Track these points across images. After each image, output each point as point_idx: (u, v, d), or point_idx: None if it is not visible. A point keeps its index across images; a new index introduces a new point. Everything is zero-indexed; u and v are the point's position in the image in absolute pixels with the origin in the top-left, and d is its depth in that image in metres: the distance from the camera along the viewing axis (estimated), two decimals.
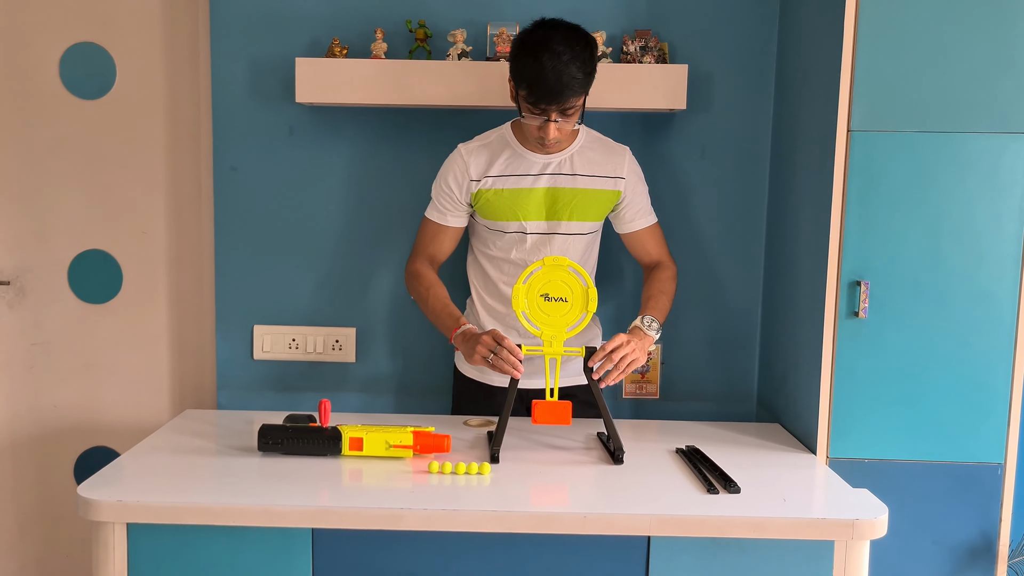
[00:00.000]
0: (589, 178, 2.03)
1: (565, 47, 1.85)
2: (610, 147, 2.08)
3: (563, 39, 1.86)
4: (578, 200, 2.03)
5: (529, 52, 1.87)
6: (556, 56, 1.83)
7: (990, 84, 1.84)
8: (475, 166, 2.03)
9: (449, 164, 2.07)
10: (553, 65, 1.83)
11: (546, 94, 1.86)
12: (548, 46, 1.85)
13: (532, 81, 1.86)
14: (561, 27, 1.90)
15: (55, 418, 2.46)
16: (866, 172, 1.87)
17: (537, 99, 1.87)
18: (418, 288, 2.08)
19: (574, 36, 1.88)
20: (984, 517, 1.94)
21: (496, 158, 2.03)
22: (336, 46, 2.18)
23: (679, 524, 1.58)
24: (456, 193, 2.05)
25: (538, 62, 1.84)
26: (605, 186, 2.05)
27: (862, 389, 1.92)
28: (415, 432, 1.83)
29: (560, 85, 1.84)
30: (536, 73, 1.85)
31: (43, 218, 2.40)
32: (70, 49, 2.35)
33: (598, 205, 2.06)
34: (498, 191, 2.02)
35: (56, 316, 2.43)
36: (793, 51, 2.17)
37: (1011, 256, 1.88)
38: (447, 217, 2.08)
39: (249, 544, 1.59)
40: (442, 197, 2.07)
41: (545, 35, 1.87)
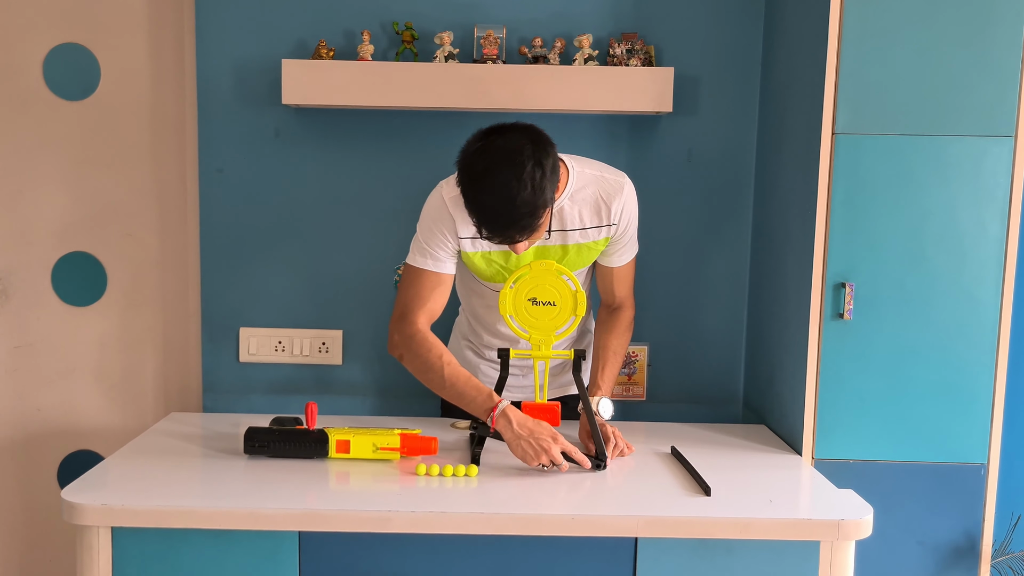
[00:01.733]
0: (580, 231, 1.86)
1: (510, 173, 1.61)
2: (604, 187, 1.86)
3: (507, 161, 1.62)
4: (569, 256, 1.88)
5: (472, 185, 1.66)
6: (501, 189, 1.61)
7: (972, 88, 1.85)
8: (462, 224, 1.82)
9: (436, 212, 1.84)
10: (500, 201, 1.62)
11: (498, 231, 1.67)
12: (490, 179, 1.63)
13: (479, 217, 1.67)
14: (502, 146, 1.65)
15: (38, 421, 2.44)
16: (851, 175, 1.88)
17: (491, 235, 1.69)
18: (425, 356, 1.82)
19: (518, 155, 1.63)
20: (967, 517, 1.95)
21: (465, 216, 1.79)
22: (322, 48, 2.18)
23: (666, 525, 1.58)
24: (450, 242, 1.85)
25: (481, 199, 1.64)
26: (597, 236, 1.88)
27: (847, 390, 1.93)
28: (402, 434, 1.82)
29: (512, 221, 1.64)
30: (482, 211, 1.65)
31: (26, 220, 2.38)
32: (54, 50, 2.33)
33: (588, 254, 1.91)
34: (486, 255, 1.87)
35: (40, 319, 2.41)
36: (778, 55, 2.18)
37: (993, 258, 1.90)
38: (445, 265, 1.85)
39: (235, 548, 1.59)
40: (436, 245, 1.84)
41: (486, 162, 1.64)
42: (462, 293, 2.08)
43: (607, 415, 1.89)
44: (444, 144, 2.27)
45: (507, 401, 1.77)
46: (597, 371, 1.96)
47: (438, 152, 2.28)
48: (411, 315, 1.85)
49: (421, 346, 1.83)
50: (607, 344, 1.98)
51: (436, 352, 1.82)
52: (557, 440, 1.74)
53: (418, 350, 1.83)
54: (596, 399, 1.90)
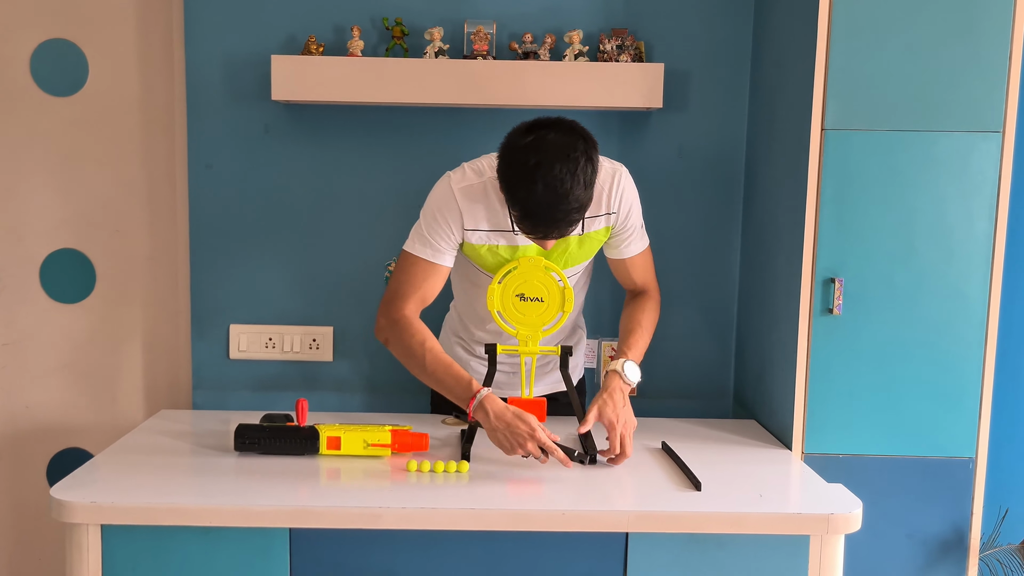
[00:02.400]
0: (584, 220, 1.84)
1: (565, 168, 1.60)
2: (602, 178, 1.82)
3: (562, 156, 1.61)
4: (572, 248, 1.88)
5: (523, 179, 1.62)
6: (554, 186, 1.60)
7: (961, 83, 1.86)
8: (469, 213, 1.81)
9: (441, 201, 1.81)
10: (552, 197, 1.60)
11: (544, 227, 1.66)
12: (544, 173, 1.60)
13: (526, 213, 1.65)
14: (557, 141, 1.63)
15: (27, 419, 2.43)
16: (840, 170, 1.89)
17: (532, 230, 1.68)
18: (408, 341, 1.80)
19: (572, 150, 1.62)
20: (956, 511, 1.96)
21: (490, 206, 1.82)
22: (312, 43, 2.17)
23: (657, 520, 1.59)
24: (454, 233, 1.82)
25: (532, 194, 1.61)
26: (597, 226, 1.87)
27: (836, 385, 1.94)
28: (393, 431, 1.82)
29: (562, 217, 1.63)
30: (531, 206, 1.63)
31: (14, 216, 2.36)
32: (41, 45, 2.32)
33: (592, 244, 1.91)
34: (492, 248, 1.85)
35: (28, 316, 2.40)
36: (768, 50, 2.18)
37: (981, 253, 1.91)
38: (444, 256, 1.83)
39: (226, 545, 1.58)
40: (438, 235, 1.82)
41: (539, 157, 1.61)
42: (458, 287, 2.07)
43: (635, 380, 1.86)
44: (434, 140, 2.27)
45: (487, 390, 1.75)
46: (624, 338, 1.93)
47: (428, 148, 2.27)
48: (399, 301, 1.83)
49: (405, 331, 1.81)
50: (631, 316, 1.96)
51: (419, 338, 1.80)
52: (535, 435, 1.70)
53: (402, 335, 1.81)
54: (621, 361, 1.86)
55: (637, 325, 1.95)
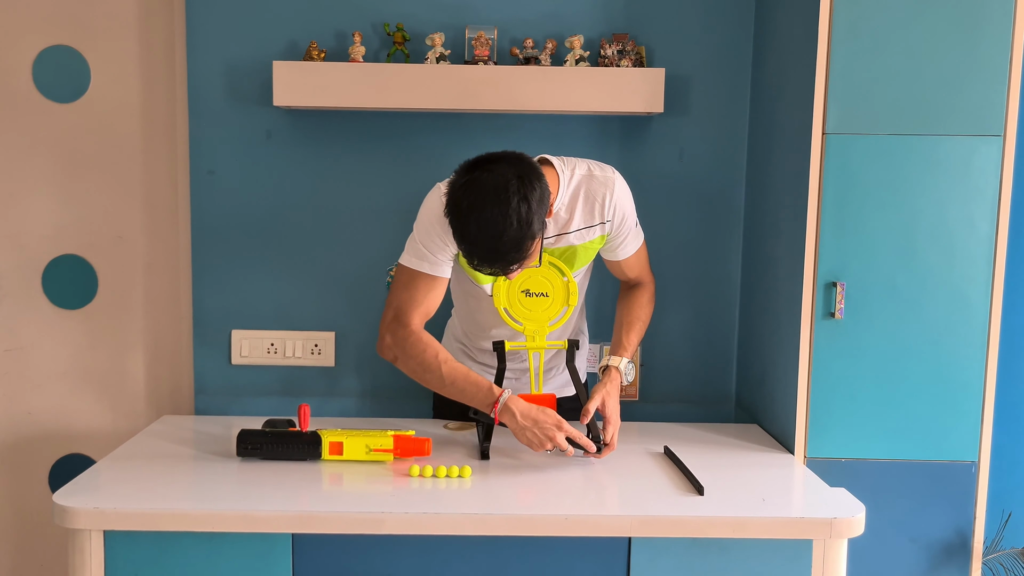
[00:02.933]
0: (575, 233, 1.86)
1: (496, 211, 1.60)
2: (593, 186, 1.85)
3: (492, 198, 1.61)
4: (566, 257, 1.89)
5: (458, 221, 1.64)
6: (485, 227, 1.61)
7: (962, 87, 1.87)
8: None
9: (436, 216, 1.79)
10: (484, 237, 1.62)
11: (487, 264, 1.67)
12: (476, 216, 1.61)
13: (468, 252, 1.67)
14: (488, 182, 1.62)
15: (29, 425, 2.43)
16: (841, 174, 1.89)
17: (479, 268, 1.70)
18: (421, 357, 1.81)
19: (503, 192, 1.61)
20: (959, 515, 1.96)
21: None
22: (314, 49, 2.18)
23: (660, 525, 1.59)
24: (448, 244, 1.81)
25: (467, 234, 1.63)
26: (592, 235, 1.88)
27: (839, 389, 1.94)
28: (395, 436, 1.82)
29: (500, 254, 1.64)
30: (469, 246, 1.65)
31: (17, 223, 2.37)
32: (43, 52, 2.32)
33: (585, 254, 1.91)
34: None
35: (30, 322, 2.40)
36: (769, 55, 2.19)
37: (983, 257, 1.91)
38: (441, 267, 1.83)
39: (228, 550, 1.58)
40: (433, 247, 1.81)
41: (471, 199, 1.62)
42: (456, 295, 2.07)
43: (629, 378, 1.93)
44: (436, 145, 2.27)
45: (509, 392, 1.78)
46: (620, 335, 1.97)
47: (430, 153, 2.28)
48: (405, 317, 1.83)
49: (415, 347, 1.82)
50: (629, 309, 2.00)
51: (432, 351, 1.81)
52: (562, 427, 1.77)
53: (412, 351, 1.82)
54: (621, 359, 1.92)
55: (636, 320, 1.98)
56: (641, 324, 2.00)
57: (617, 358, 1.93)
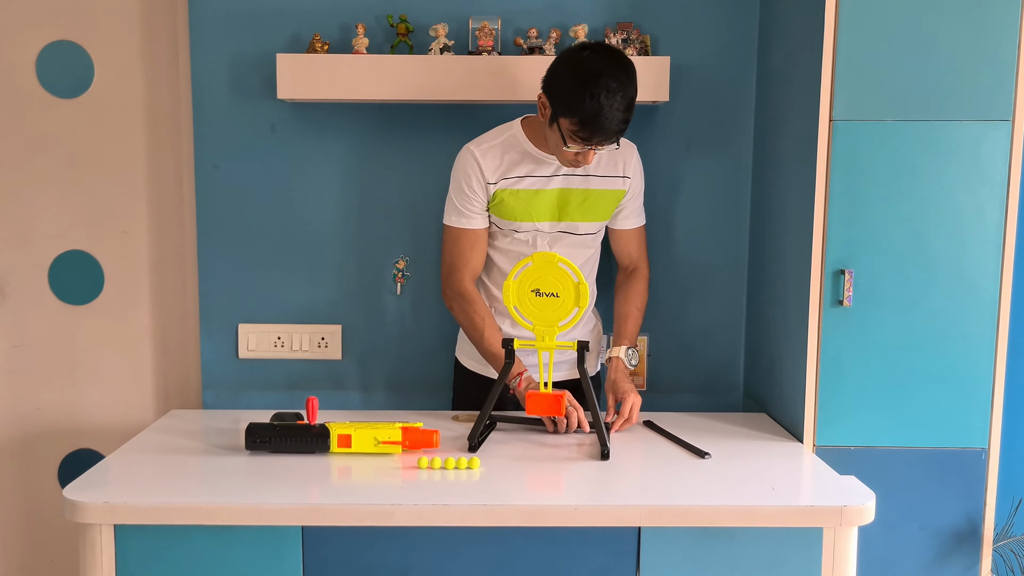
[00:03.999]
0: (600, 178, 2.03)
1: (618, 85, 1.79)
2: (622, 146, 2.02)
3: (616, 74, 1.80)
4: (589, 200, 2.03)
5: (583, 86, 1.79)
6: (612, 95, 1.78)
7: (970, 72, 1.85)
8: (489, 169, 1.99)
9: (464, 167, 2.00)
10: (610, 105, 1.79)
11: (599, 133, 1.82)
12: (604, 83, 1.78)
13: (587, 119, 1.80)
14: (610, 57, 1.84)
15: (38, 421, 2.43)
16: (849, 161, 1.88)
17: (589, 136, 1.83)
18: (471, 315, 2.03)
19: (624, 70, 1.82)
20: (969, 502, 1.96)
21: (509, 159, 1.99)
22: (317, 41, 2.17)
23: (669, 514, 1.59)
24: (480, 195, 2.00)
25: (595, 100, 1.78)
26: (614, 185, 2.05)
27: (847, 377, 1.93)
28: (404, 428, 1.82)
29: (615, 125, 1.82)
30: (592, 112, 1.79)
31: (22, 219, 2.37)
32: (47, 47, 2.32)
33: (606, 204, 2.06)
34: (514, 192, 2.00)
35: (37, 318, 2.40)
36: (775, 42, 2.18)
37: (992, 243, 1.90)
38: (477, 220, 2.03)
39: (238, 543, 1.59)
40: (467, 202, 2.01)
41: (598, 67, 1.80)
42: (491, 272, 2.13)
43: (632, 363, 2.08)
44: (440, 137, 2.27)
45: (528, 374, 1.97)
46: (620, 325, 2.14)
47: (434, 144, 2.27)
48: (458, 273, 2.05)
49: (463, 304, 2.04)
50: (629, 299, 2.15)
51: (480, 313, 2.03)
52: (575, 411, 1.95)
53: (464, 307, 2.04)
54: (622, 348, 2.08)
55: (634, 308, 2.14)
56: (638, 312, 2.15)
57: (618, 348, 2.09)
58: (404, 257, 2.33)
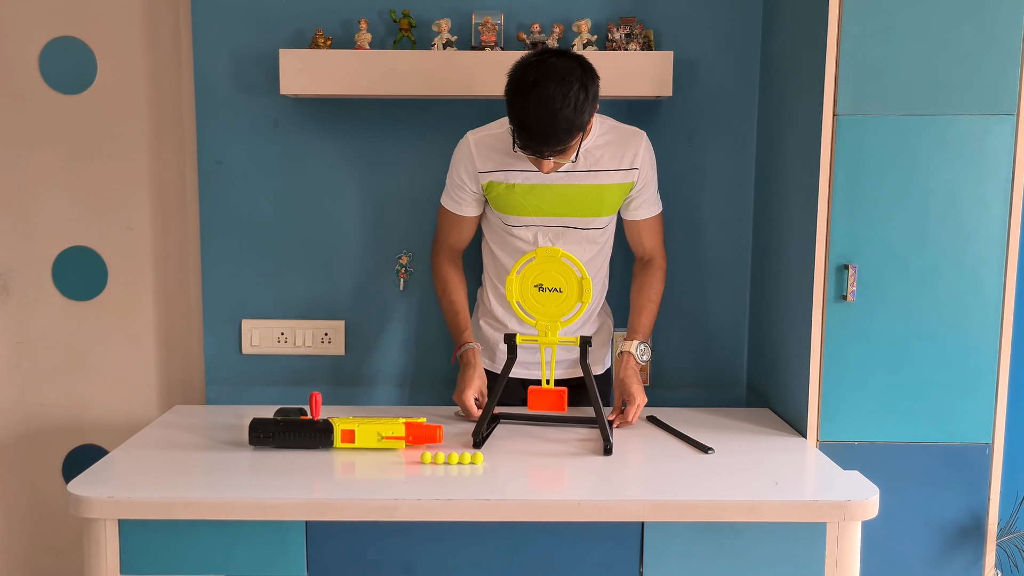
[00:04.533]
0: (604, 172, 1.99)
1: (557, 89, 1.75)
2: (625, 135, 2.03)
3: (557, 79, 1.76)
4: (593, 195, 2.00)
5: (520, 93, 1.79)
6: (546, 102, 1.75)
7: (974, 66, 1.85)
8: (482, 159, 1.99)
9: (458, 154, 2.03)
10: (542, 112, 1.76)
11: (535, 141, 1.80)
12: (538, 90, 1.76)
13: (520, 126, 1.80)
14: (556, 65, 1.79)
15: (42, 417, 2.44)
16: (852, 156, 1.87)
17: (525, 144, 1.82)
18: (436, 286, 2.14)
19: (568, 75, 1.78)
20: (973, 497, 1.95)
21: (507, 151, 1.97)
22: (320, 37, 2.17)
23: (673, 509, 1.59)
24: (468, 184, 2.02)
25: (526, 107, 1.77)
26: (620, 179, 2.01)
27: (851, 372, 1.93)
28: (407, 423, 1.82)
29: (551, 132, 1.78)
30: (524, 118, 1.78)
31: (26, 215, 2.37)
32: (50, 43, 2.32)
33: (612, 197, 2.02)
34: (510, 186, 1.99)
35: (41, 314, 2.41)
36: (778, 36, 2.17)
37: (996, 238, 1.89)
38: (463, 207, 2.07)
39: (242, 538, 1.59)
40: (455, 188, 2.05)
41: (537, 75, 1.78)
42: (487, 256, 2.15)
43: (644, 358, 2.05)
44: (443, 132, 2.26)
45: (471, 345, 2.05)
46: (633, 319, 2.11)
47: (437, 140, 2.27)
48: (436, 248, 2.15)
49: (437, 275, 2.14)
50: (640, 291, 2.12)
51: (441, 283, 2.13)
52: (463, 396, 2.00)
53: (436, 278, 2.15)
54: (634, 343, 2.05)
55: (648, 301, 2.11)
56: (653, 305, 2.12)
57: (630, 342, 2.05)
58: (407, 252, 2.33)
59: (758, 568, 1.62)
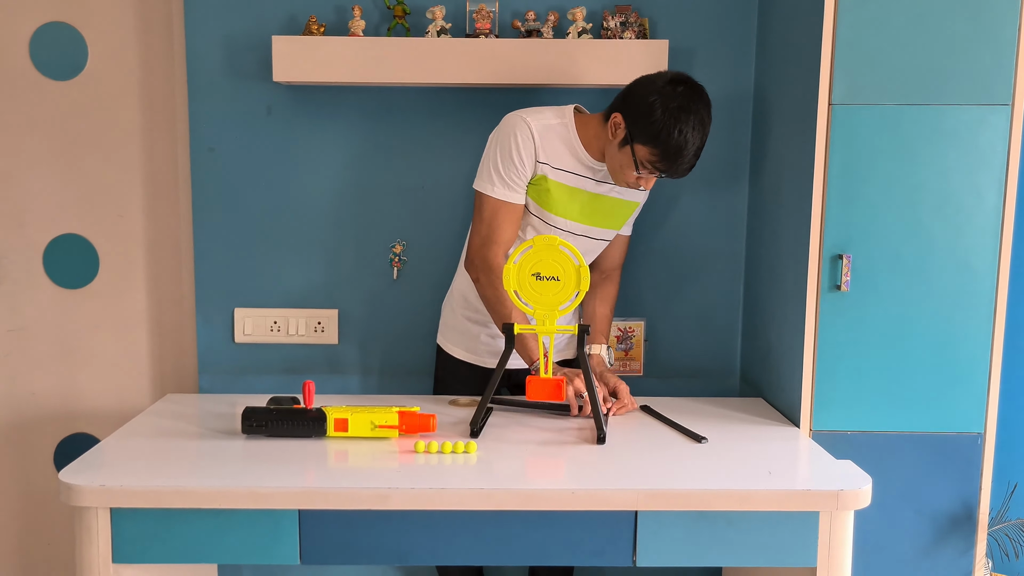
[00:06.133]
0: (626, 191, 2.05)
1: (704, 124, 1.84)
2: None
3: (704, 114, 1.85)
4: (617, 210, 2.06)
5: (675, 121, 1.82)
6: (697, 133, 1.83)
7: (970, 56, 1.84)
8: (543, 149, 1.95)
9: (516, 136, 1.93)
10: (694, 142, 1.84)
11: (677, 166, 1.86)
12: (694, 121, 1.83)
13: (669, 153, 1.84)
14: (699, 95, 1.86)
15: (33, 405, 2.43)
16: (847, 145, 1.87)
17: (666, 168, 1.87)
18: (499, 289, 1.94)
19: (708, 110, 1.87)
20: (965, 486, 1.96)
21: (560, 147, 1.96)
22: (313, 23, 2.15)
23: (666, 498, 1.59)
24: (527, 168, 1.95)
25: (683, 136, 1.82)
26: (634, 197, 2.08)
27: (844, 362, 1.93)
28: (400, 412, 1.82)
29: (692, 161, 1.87)
30: (677, 147, 1.83)
31: (16, 202, 2.36)
32: (40, 29, 2.30)
33: (625, 214, 2.10)
34: (559, 184, 1.98)
35: (32, 302, 2.39)
36: (774, 25, 2.16)
37: (990, 228, 1.89)
38: (519, 195, 1.98)
39: (235, 526, 1.58)
40: (513, 172, 1.95)
41: (692, 104, 1.83)
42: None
43: (610, 363, 2.15)
44: (437, 120, 2.25)
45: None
46: (599, 323, 2.17)
47: (431, 128, 2.26)
48: (493, 247, 1.96)
49: (497, 279, 1.94)
50: (605, 301, 2.19)
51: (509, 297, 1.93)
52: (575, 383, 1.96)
53: (494, 281, 1.95)
54: (603, 347, 2.12)
55: (610, 311, 2.19)
56: (611, 313, 2.21)
57: (598, 345, 2.14)
58: (401, 241, 2.32)
59: (751, 557, 1.62)
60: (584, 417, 1.97)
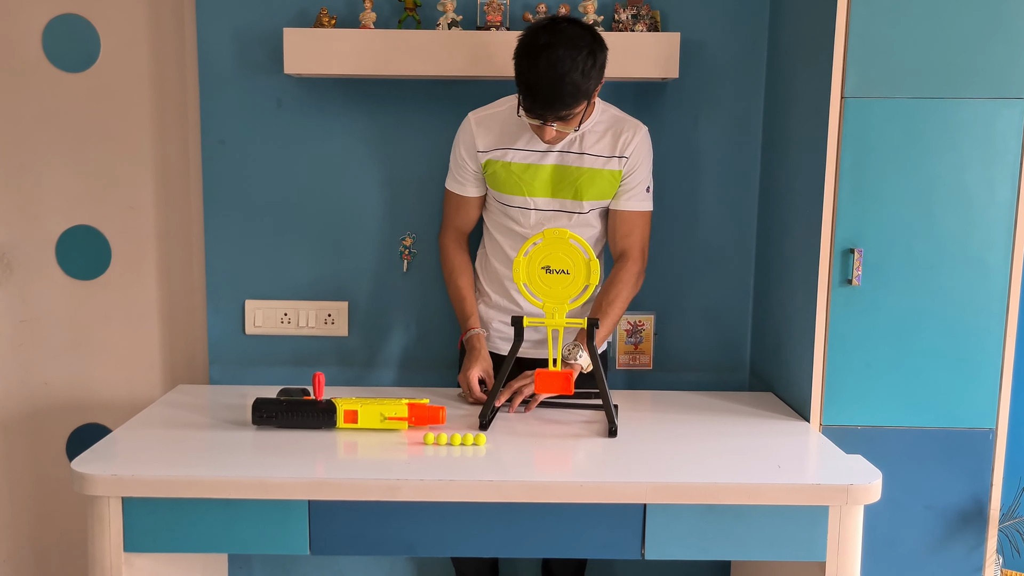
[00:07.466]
0: (595, 157, 2.00)
1: (566, 53, 1.78)
2: (622, 125, 2.02)
3: (567, 43, 1.79)
4: (584, 179, 2.00)
5: (528, 56, 1.81)
6: (555, 64, 1.77)
7: (983, 49, 1.83)
8: (482, 137, 2.02)
9: (459, 134, 2.06)
10: (551, 74, 1.78)
11: (541, 103, 1.82)
12: (548, 52, 1.78)
13: (527, 88, 1.82)
14: (568, 30, 1.82)
15: (46, 396, 2.44)
16: (860, 139, 1.86)
17: (531, 106, 1.84)
18: (444, 269, 2.15)
19: (579, 41, 1.80)
20: (975, 482, 1.95)
21: (505, 130, 2.01)
22: (324, 16, 2.15)
23: (675, 491, 1.59)
24: (469, 163, 2.05)
25: (535, 68, 1.79)
26: (609, 165, 2.00)
27: (855, 356, 1.92)
28: (410, 404, 1.82)
29: (557, 95, 1.80)
30: (532, 80, 1.80)
31: (29, 194, 2.37)
32: (53, 21, 2.31)
33: (603, 184, 2.02)
34: (506, 164, 2.01)
35: (44, 293, 2.41)
36: (786, 18, 2.15)
37: (1003, 222, 1.88)
38: (466, 188, 2.09)
39: (245, 517, 1.59)
40: (458, 168, 2.08)
41: (548, 39, 1.80)
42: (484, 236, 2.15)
43: (585, 364, 1.94)
44: (448, 112, 2.25)
45: (477, 331, 2.06)
46: (595, 307, 2.04)
47: (442, 120, 2.26)
48: (443, 230, 2.17)
49: (444, 258, 2.16)
50: (608, 289, 2.04)
51: (448, 267, 2.14)
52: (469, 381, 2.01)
53: (443, 262, 2.16)
54: (585, 356, 1.95)
55: (608, 304, 2.01)
56: (613, 308, 2.01)
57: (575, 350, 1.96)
58: (411, 234, 2.32)
59: (760, 551, 1.62)
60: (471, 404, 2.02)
